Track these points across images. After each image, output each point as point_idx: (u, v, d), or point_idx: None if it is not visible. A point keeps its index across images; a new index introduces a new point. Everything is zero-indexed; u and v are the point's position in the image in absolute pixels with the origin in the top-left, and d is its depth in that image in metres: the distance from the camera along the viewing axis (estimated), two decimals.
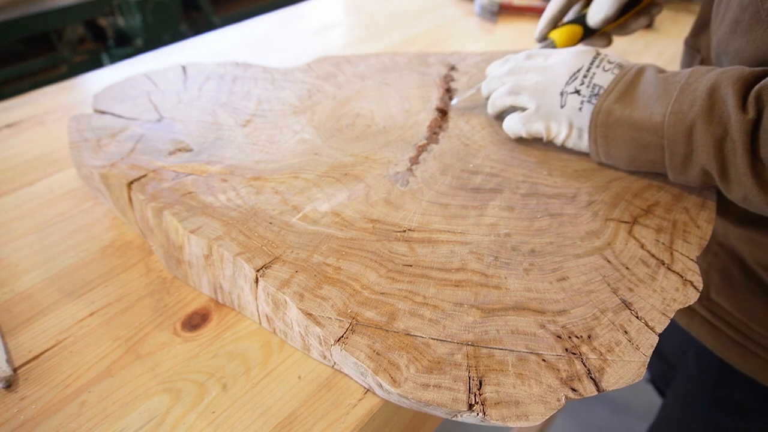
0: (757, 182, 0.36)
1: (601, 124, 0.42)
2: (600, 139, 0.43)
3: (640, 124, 0.40)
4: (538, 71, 0.46)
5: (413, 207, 0.41)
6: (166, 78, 0.61)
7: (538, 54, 0.49)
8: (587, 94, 0.43)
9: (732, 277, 0.53)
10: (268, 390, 0.33)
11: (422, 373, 0.29)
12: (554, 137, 0.46)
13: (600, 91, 0.43)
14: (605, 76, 0.43)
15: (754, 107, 0.35)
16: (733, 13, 0.42)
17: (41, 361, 0.36)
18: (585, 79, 0.44)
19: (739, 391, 0.57)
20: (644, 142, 0.40)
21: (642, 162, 0.42)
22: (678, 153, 0.39)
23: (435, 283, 0.34)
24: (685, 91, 0.38)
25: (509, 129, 0.48)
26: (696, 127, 0.37)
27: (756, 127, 0.35)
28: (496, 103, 0.50)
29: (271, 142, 0.49)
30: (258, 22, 0.95)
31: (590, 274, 0.35)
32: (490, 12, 0.92)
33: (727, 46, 0.44)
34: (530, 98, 0.46)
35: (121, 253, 0.44)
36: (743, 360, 0.53)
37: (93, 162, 0.46)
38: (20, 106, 0.67)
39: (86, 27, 1.92)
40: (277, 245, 0.37)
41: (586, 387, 0.29)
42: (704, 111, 0.37)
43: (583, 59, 0.45)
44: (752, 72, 0.37)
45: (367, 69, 0.64)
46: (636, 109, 0.40)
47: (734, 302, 0.53)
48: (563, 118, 0.45)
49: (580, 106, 0.44)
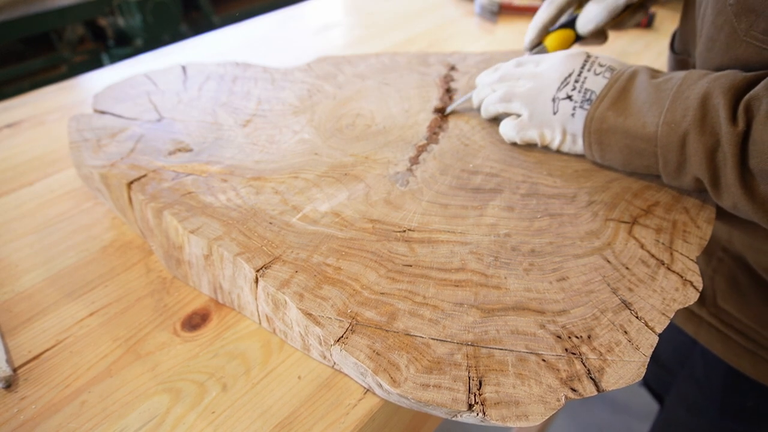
0: (746, 192, 0.36)
1: (594, 131, 0.42)
2: (594, 144, 0.43)
3: (633, 132, 0.40)
4: (529, 78, 0.46)
5: (413, 207, 0.41)
6: (166, 78, 0.61)
7: (528, 61, 0.48)
8: (579, 100, 0.43)
9: (739, 283, 0.52)
10: (268, 390, 0.33)
11: (422, 373, 0.29)
12: (549, 143, 0.46)
13: (592, 96, 0.43)
14: (597, 80, 0.43)
15: (744, 119, 0.35)
16: (708, 31, 0.42)
17: (41, 361, 0.36)
18: (576, 84, 0.43)
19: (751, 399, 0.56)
20: (638, 150, 0.41)
21: (637, 166, 0.42)
22: (671, 161, 0.39)
23: (435, 283, 0.34)
24: (678, 99, 0.38)
25: (504, 135, 0.48)
26: (689, 137, 0.37)
27: (746, 139, 0.35)
28: (489, 109, 0.50)
29: (271, 142, 0.49)
30: (258, 22, 0.95)
31: (590, 274, 0.35)
32: (490, 12, 0.92)
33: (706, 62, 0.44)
34: (522, 106, 0.46)
35: (121, 253, 0.44)
36: (754, 367, 0.52)
37: (93, 162, 0.46)
38: (20, 106, 0.67)
39: (86, 27, 1.91)
40: (277, 245, 0.37)
41: (586, 387, 0.29)
42: (696, 122, 0.37)
43: (573, 63, 0.44)
44: (744, 79, 0.37)
45: (367, 69, 0.64)
46: (629, 117, 0.40)
47: (742, 309, 0.52)
48: (556, 125, 0.45)
49: (572, 112, 0.44)
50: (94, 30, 1.95)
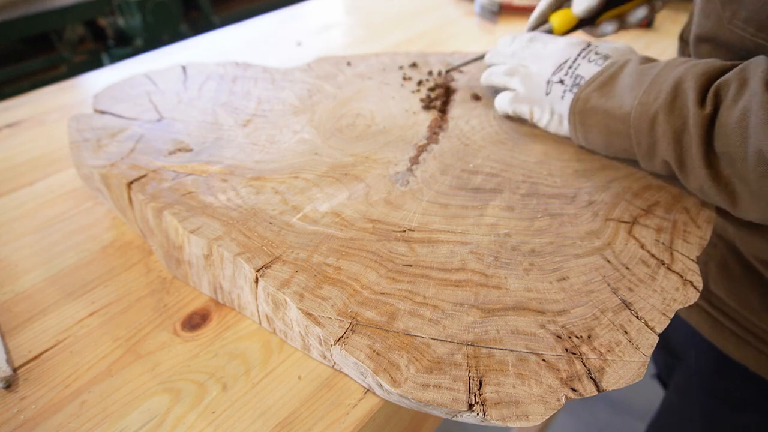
0: (710, 173, 0.37)
1: (578, 111, 0.45)
2: (578, 125, 0.46)
3: (611, 112, 0.43)
4: (534, 59, 0.50)
5: (413, 207, 0.41)
6: (166, 78, 0.61)
7: (539, 39, 0.52)
8: (569, 84, 0.46)
9: (729, 269, 0.53)
10: (268, 390, 0.33)
11: (422, 373, 0.29)
12: (537, 121, 0.50)
13: (581, 82, 0.46)
14: (589, 67, 0.46)
15: (712, 102, 0.36)
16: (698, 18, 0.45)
17: (41, 361, 0.36)
18: (570, 70, 0.47)
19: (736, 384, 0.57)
20: (616, 131, 0.43)
21: (616, 149, 0.44)
22: (643, 143, 0.41)
23: (435, 283, 0.34)
24: (655, 83, 0.40)
25: (499, 106, 0.53)
26: (658, 117, 0.39)
27: (712, 122, 0.36)
28: (491, 78, 0.54)
29: (271, 142, 0.49)
30: (258, 22, 0.95)
31: (590, 274, 0.35)
32: (490, 12, 0.92)
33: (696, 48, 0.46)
34: (520, 83, 0.50)
35: (121, 253, 0.44)
36: (739, 350, 0.54)
37: (93, 162, 0.46)
38: (20, 106, 0.67)
39: (86, 27, 1.91)
40: (277, 245, 0.37)
41: (586, 387, 0.29)
42: (667, 103, 0.38)
43: (570, 51, 0.48)
44: (721, 66, 0.38)
45: (367, 69, 0.64)
46: (610, 99, 0.43)
47: (731, 293, 0.53)
48: (546, 105, 0.49)
49: (562, 94, 0.47)
50: (94, 30, 1.95)
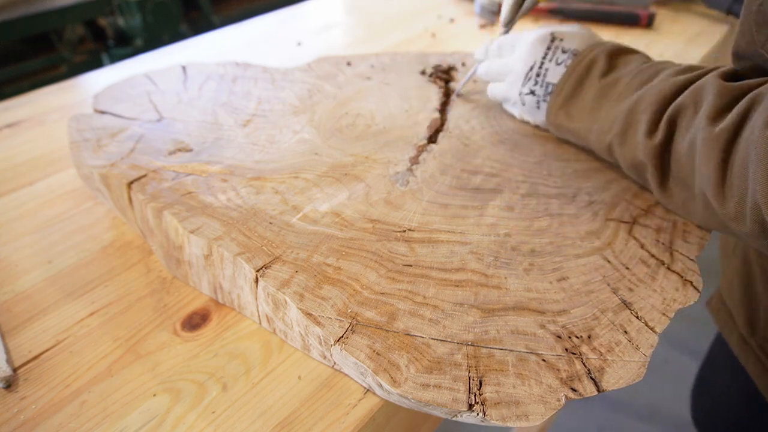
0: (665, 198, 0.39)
1: (553, 126, 0.48)
2: (557, 133, 0.48)
3: (578, 135, 0.45)
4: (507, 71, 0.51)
5: (413, 207, 0.41)
6: (166, 78, 0.61)
7: (506, 45, 0.52)
8: (542, 94, 0.47)
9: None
10: (268, 390, 0.33)
11: (422, 373, 0.29)
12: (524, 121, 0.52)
13: (552, 89, 0.46)
14: (557, 70, 0.46)
15: (665, 130, 0.36)
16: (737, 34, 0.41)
17: (41, 361, 0.36)
18: (538, 78, 0.47)
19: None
20: (587, 148, 0.46)
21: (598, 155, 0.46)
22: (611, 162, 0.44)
23: (435, 283, 0.34)
24: (611, 109, 0.41)
25: (492, 97, 0.54)
26: (612, 147, 0.41)
27: (666, 148, 0.37)
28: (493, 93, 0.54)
29: (271, 142, 0.49)
30: (258, 22, 0.95)
31: (590, 274, 0.35)
32: (490, 12, 0.92)
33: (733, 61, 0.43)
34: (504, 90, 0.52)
35: (121, 253, 0.44)
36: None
37: (93, 162, 0.46)
38: (20, 106, 0.67)
39: (86, 27, 1.91)
40: (277, 245, 0.37)
41: (586, 387, 0.29)
42: (619, 135, 0.40)
43: (536, 53, 0.47)
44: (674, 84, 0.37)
45: (367, 69, 0.64)
46: (574, 121, 0.45)
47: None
48: (526, 116, 0.51)
49: (537, 105, 0.48)
50: (94, 30, 1.95)
